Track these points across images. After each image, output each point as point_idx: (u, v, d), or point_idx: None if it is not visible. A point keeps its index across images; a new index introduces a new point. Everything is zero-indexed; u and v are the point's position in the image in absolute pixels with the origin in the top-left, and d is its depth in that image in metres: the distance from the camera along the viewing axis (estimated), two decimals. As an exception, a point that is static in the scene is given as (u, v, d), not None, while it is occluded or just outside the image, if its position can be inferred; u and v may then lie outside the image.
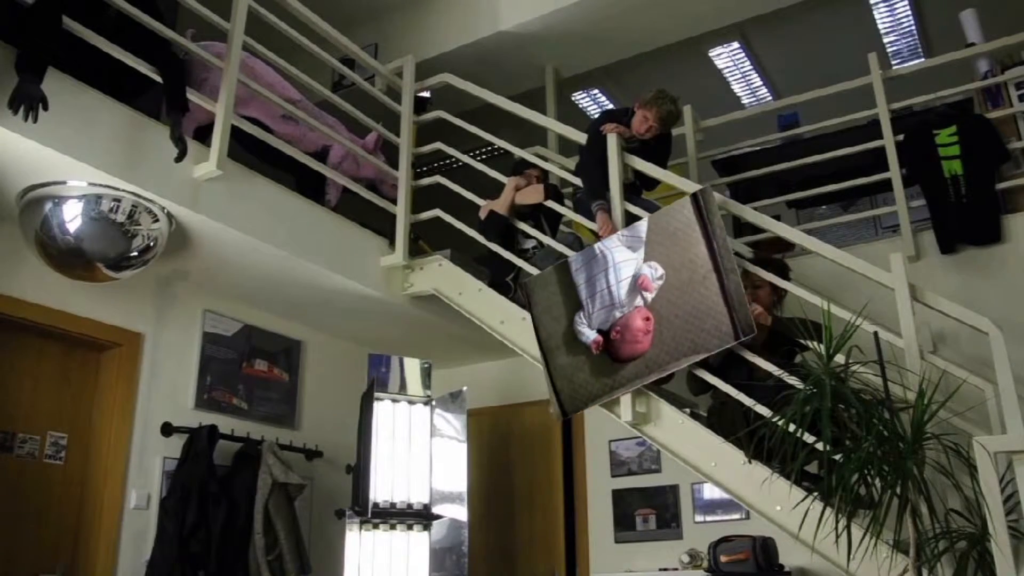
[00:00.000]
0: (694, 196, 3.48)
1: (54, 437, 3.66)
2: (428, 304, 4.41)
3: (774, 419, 2.83)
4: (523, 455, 5.20)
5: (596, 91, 6.69)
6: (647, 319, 3.44)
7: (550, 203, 4.18)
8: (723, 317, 3.29)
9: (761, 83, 6.74)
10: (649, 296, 3.46)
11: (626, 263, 3.55)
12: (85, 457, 3.75)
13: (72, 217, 3.18)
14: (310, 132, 4.18)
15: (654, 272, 3.46)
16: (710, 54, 6.33)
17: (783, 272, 3.56)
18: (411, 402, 4.43)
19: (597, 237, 3.78)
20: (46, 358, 3.70)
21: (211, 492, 3.82)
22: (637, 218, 3.82)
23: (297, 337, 4.79)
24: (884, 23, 6.05)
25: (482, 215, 4.27)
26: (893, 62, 6.26)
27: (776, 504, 2.98)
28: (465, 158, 4.53)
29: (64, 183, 3.14)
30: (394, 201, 4.40)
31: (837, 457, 2.63)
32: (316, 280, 4.11)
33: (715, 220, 3.40)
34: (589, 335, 3.53)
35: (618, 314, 3.51)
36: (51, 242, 3.21)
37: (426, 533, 4.25)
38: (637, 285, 3.47)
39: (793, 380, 2.96)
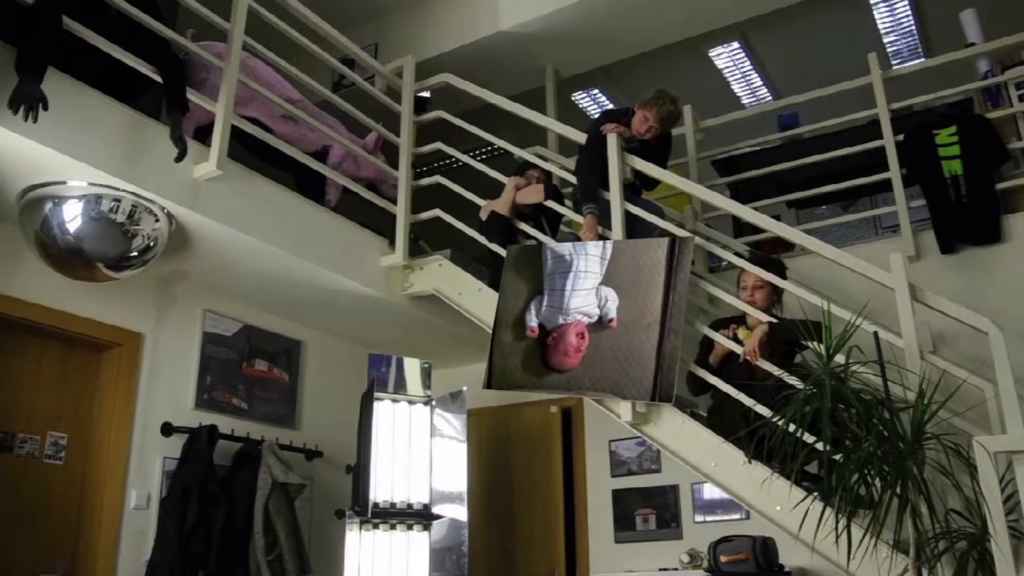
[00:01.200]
0: (672, 241, 3.49)
1: (54, 437, 3.66)
2: (428, 304, 4.41)
3: (774, 419, 2.83)
4: (523, 455, 5.20)
5: (596, 91, 6.69)
6: (581, 336, 3.49)
7: (550, 203, 4.18)
8: (649, 373, 3.32)
9: (761, 83, 6.74)
10: (596, 316, 3.49)
11: (586, 275, 3.58)
12: (85, 457, 3.75)
13: (72, 217, 3.18)
14: (310, 132, 4.18)
15: (613, 305, 3.48)
16: (710, 54, 6.33)
17: (781, 272, 3.56)
18: (411, 402, 4.43)
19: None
20: (46, 358, 3.70)
21: (211, 492, 3.82)
22: (637, 218, 3.83)
23: (297, 337, 4.79)
24: (884, 23, 6.05)
25: (483, 215, 4.27)
26: (893, 62, 6.26)
27: (776, 504, 2.98)
28: (465, 158, 4.53)
29: (64, 183, 3.14)
30: (394, 201, 4.40)
31: (837, 457, 2.63)
32: (316, 280, 4.11)
33: (681, 274, 3.41)
34: (531, 321, 3.61)
35: (561, 320, 3.56)
36: (51, 242, 3.21)
37: (426, 533, 4.25)
38: (604, 322, 3.48)
39: (793, 380, 2.96)
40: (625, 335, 3.41)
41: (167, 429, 3.94)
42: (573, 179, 4.18)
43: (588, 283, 3.58)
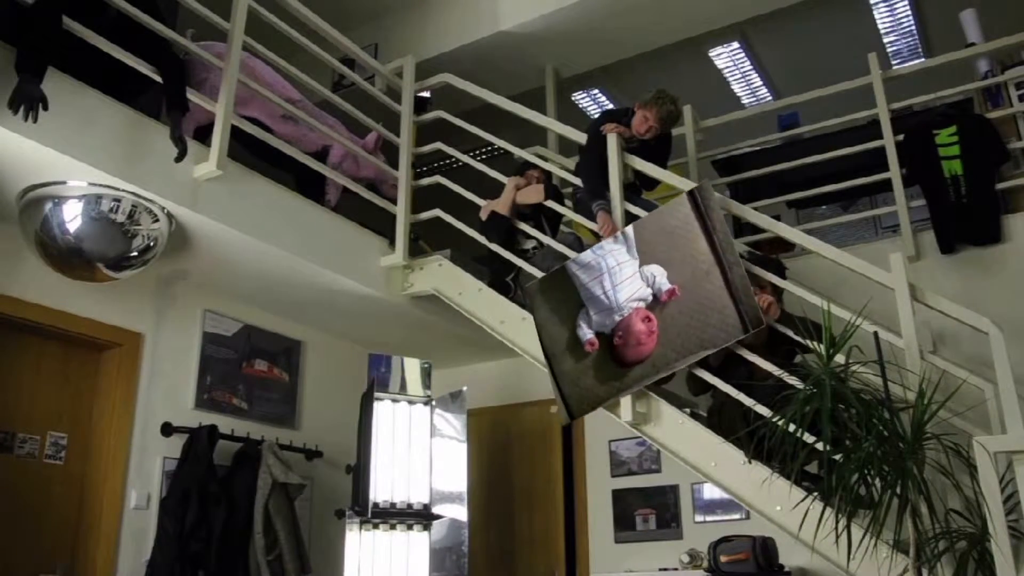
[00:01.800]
0: (691, 193, 3.48)
1: (54, 437, 3.66)
2: (428, 304, 4.41)
3: (774, 419, 2.83)
4: (523, 455, 5.20)
5: (596, 91, 6.69)
6: (647, 319, 3.43)
7: (550, 203, 4.18)
8: (730, 311, 3.29)
9: (761, 83, 6.74)
10: (650, 297, 3.45)
11: (622, 265, 3.55)
12: (85, 457, 3.75)
13: (72, 217, 3.18)
14: (310, 132, 4.18)
15: (663, 278, 3.44)
16: (710, 54, 6.33)
17: (780, 271, 3.56)
18: (411, 402, 4.43)
19: (597, 237, 3.78)
20: (46, 358, 3.70)
21: (211, 492, 3.82)
22: (637, 218, 3.83)
23: (297, 337, 4.79)
24: (884, 23, 6.05)
25: (483, 215, 4.27)
26: (893, 62, 6.26)
27: (776, 504, 2.98)
28: (465, 158, 4.53)
29: (64, 183, 3.14)
30: (394, 201, 4.40)
31: (837, 457, 2.63)
32: (316, 280, 4.11)
33: (714, 215, 3.39)
34: (586, 334, 3.50)
35: (617, 317, 3.49)
36: (51, 242, 3.21)
37: (426, 533, 4.25)
38: (662, 298, 3.42)
39: (793, 380, 2.96)
40: (689, 292, 3.37)
41: (167, 429, 3.94)
42: (573, 179, 4.18)
43: (628, 271, 3.51)
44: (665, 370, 3.39)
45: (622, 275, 3.53)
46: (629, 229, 3.58)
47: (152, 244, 3.38)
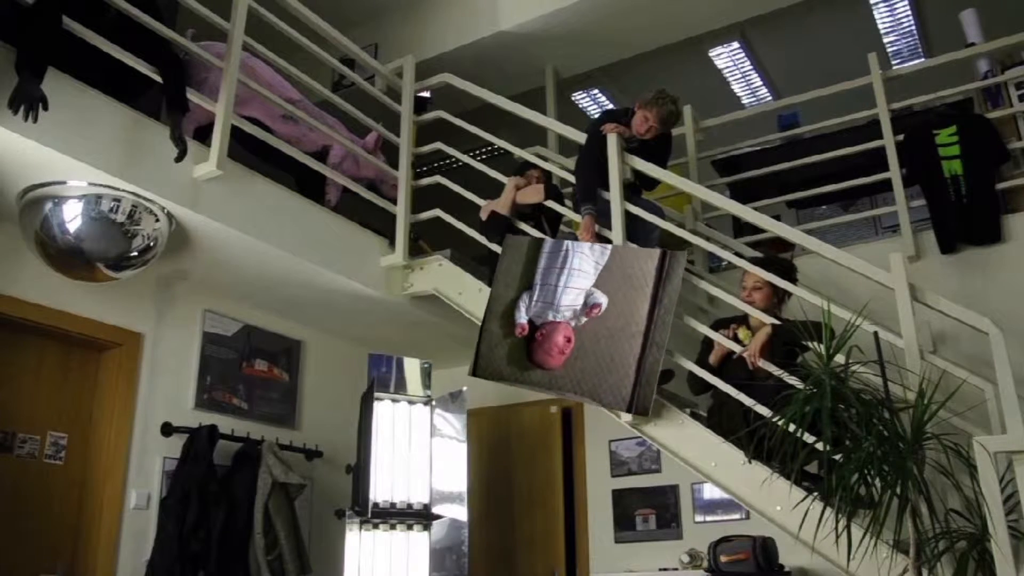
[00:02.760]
0: (664, 253, 3.49)
1: (54, 437, 3.66)
2: (428, 304, 4.41)
3: (774, 419, 2.83)
4: (523, 455, 5.20)
5: (596, 91, 6.68)
6: (568, 339, 3.50)
7: (550, 203, 4.18)
8: (628, 383, 3.33)
9: (761, 83, 6.74)
10: (583, 320, 3.50)
11: (580, 274, 3.58)
12: (85, 457, 3.75)
13: (72, 217, 3.18)
14: (310, 132, 4.18)
15: (602, 303, 3.49)
16: (710, 54, 6.33)
17: (788, 273, 3.53)
18: (411, 402, 4.43)
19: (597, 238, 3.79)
20: (46, 358, 3.70)
21: (211, 492, 3.82)
22: (637, 218, 3.83)
23: (297, 337, 4.79)
24: (884, 23, 6.05)
25: (483, 215, 4.27)
26: (893, 62, 6.26)
27: (776, 504, 2.98)
28: (465, 158, 4.53)
29: (64, 183, 3.14)
30: (394, 201, 4.40)
31: (837, 457, 2.63)
32: (316, 280, 4.11)
33: (669, 287, 3.41)
34: (521, 318, 3.62)
35: (551, 316, 3.56)
36: (51, 242, 3.21)
37: (426, 533, 4.25)
38: (587, 310, 3.49)
39: (793, 380, 2.96)
40: (609, 342, 3.42)
41: (167, 429, 3.94)
42: (573, 179, 4.18)
43: (580, 283, 3.58)
44: (555, 391, 3.52)
45: (575, 282, 3.57)
46: (607, 250, 3.60)
47: (152, 244, 3.38)
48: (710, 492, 4.44)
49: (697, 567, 4.13)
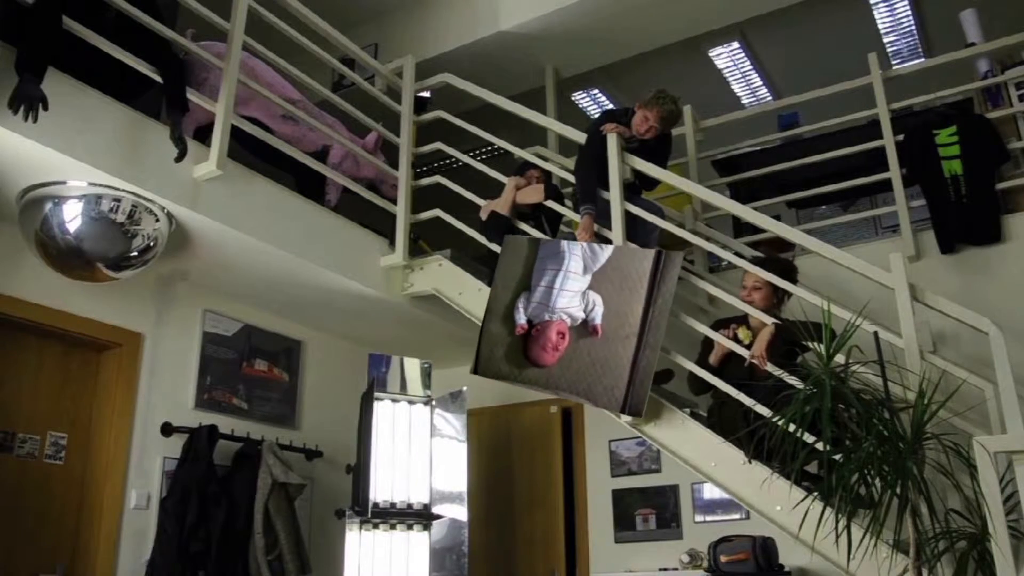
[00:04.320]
0: (659, 254, 3.49)
1: (54, 437, 3.66)
2: (428, 304, 4.41)
3: (774, 419, 2.83)
4: (523, 455, 5.20)
5: (596, 91, 6.69)
6: (561, 335, 3.51)
7: (550, 203, 4.18)
8: (621, 384, 3.34)
9: (761, 83, 6.74)
10: (580, 320, 3.51)
11: (575, 276, 3.59)
12: (85, 457, 3.75)
13: (72, 217, 3.18)
14: (310, 132, 4.18)
15: (598, 312, 3.50)
16: (710, 54, 6.33)
17: (788, 273, 3.53)
18: (411, 402, 4.43)
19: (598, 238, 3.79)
20: (46, 358, 3.70)
21: (211, 492, 3.82)
22: (637, 218, 3.83)
23: (297, 337, 4.79)
24: (884, 23, 6.05)
25: (483, 215, 4.27)
26: (893, 62, 6.26)
27: (776, 504, 2.98)
28: (465, 158, 4.53)
29: (64, 183, 3.14)
30: (394, 201, 4.40)
31: (837, 457, 2.63)
32: (316, 280, 4.11)
33: (664, 289, 3.41)
34: (520, 319, 3.63)
35: (546, 316, 3.57)
36: (51, 242, 3.21)
37: (426, 533, 4.25)
38: (588, 328, 3.49)
39: (793, 380, 2.96)
40: (603, 343, 3.43)
41: (167, 429, 3.94)
42: (573, 179, 4.17)
43: (577, 285, 3.59)
44: (550, 389, 3.52)
45: (571, 284, 3.58)
46: (604, 250, 3.60)
47: (152, 244, 3.38)
48: (710, 492, 4.44)
49: (697, 567, 4.13)
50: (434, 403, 4.50)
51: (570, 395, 3.51)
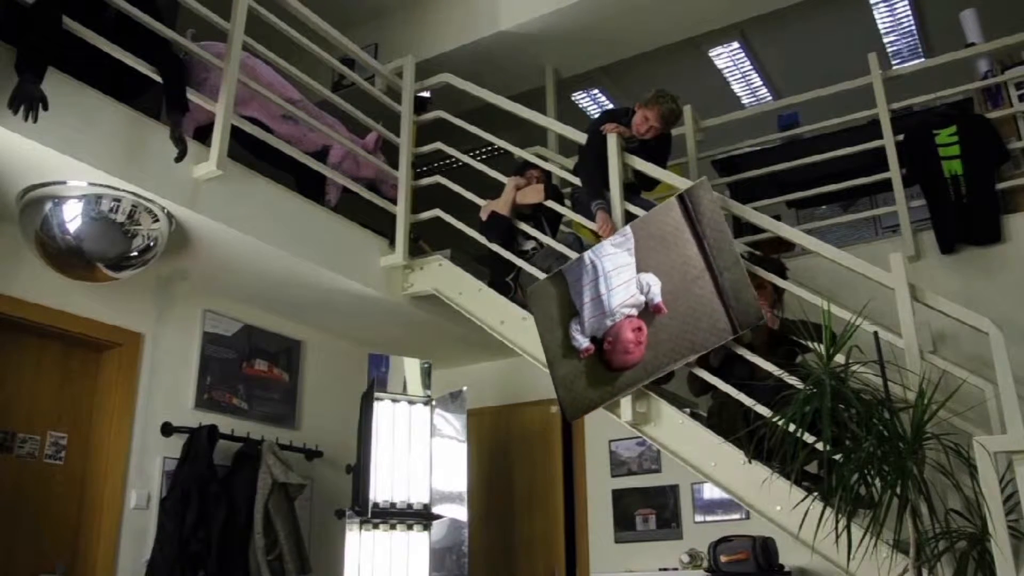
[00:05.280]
0: (680, 197, 3.47)
1: (54, 437, 3.66)
2: (428, 304, 4.41)
3: (774, 419, 2.83)
4: (523, 455, 5.20)
5: (596, 91, 6.69)
6: (638, 329, 3.45)
7: (550, 203, 4.18)
8: (719, 315, 3.29)
9: (761, 83, 6.74)
10: (643, 304, 3.45)
11: (619, 270, 3.55)
12: (85, 457, 3.75)
13: (72, 217, 3.18)
14: (310, 132, 4.18)
15: (657, 288, 3.44)
16: (710, 54, 6.33)
17: (780, 272, 3.56)
18: (411, 402, 4.43)
19: (597, 237, 3.78)
20: (46, 358, 3.70)
21: (211, 492, 3.82)
22: (636, 218, 3.83)
23: (297, 337, 4.79)
24: (884, 23, 6.05)
25: (483, 216, 4.27)
26: (893, 62, 6.26)
27: (776, 504, 2.98)
28: (465, 158, 4.53)
29: (64, 183, 3.14)
30: (394, 201, 4.40)
31: (837, 457, 2.62)
32: (316, 280, 4.11)
33: (705, 219, 3.38)
34: (581, 342, 3.53)
35: (609, 323, 3.51)
36: (51, 242, 3.21)
37: (426, 533, 4.25)
38: (652, 309, 3.44)
39: (793, 380, 2.96)
40: (679, 299, 3.38)
41: (167, 429, 3.94)
42: (573, 179, 4.18)
43: (624, 276, 3.53)
44: (656, 373, 3.41)
45: (618, 279, 3.54)
46: (628, 228, 3.58)
47: (152, 244, 3.38)
48: (710, 492, 4.44)
49: (697, 567, 4.13)
50: (434, 403, 4.50)
51: (678, 363, 3.38)
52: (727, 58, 6.42)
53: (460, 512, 4.43)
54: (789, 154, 4.86)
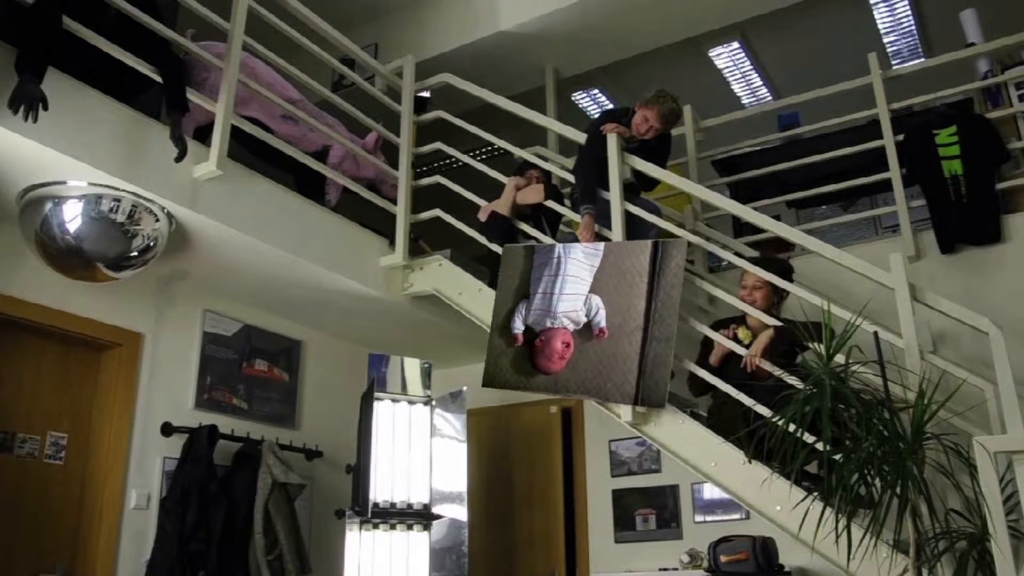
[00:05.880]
0: (656, 244, 3.48)
1: (54, 437, 3.66)
2: (428, 304, 4.41)
3: (774, 419, 2.83)
4: (523, 455, 5.20)
5: (596, 91, 6.68)
6: (567, 345, 3.52)
7: (550, 203, 4.18)
8: (631, 379, 3.34)
9: (761, 83, 6.74)
10: (582, 323, 3.51)
11: (574, 280, 3.59)
12: (85, 457, 3.75)
13: (72, 217, 3.18)
14: (310, 132, 4.18)
15: (601, 315, 3.49)
16: (710, 54, 6.33)
17: (786, 273, 3.54)
18: (411, 402, 4.43)
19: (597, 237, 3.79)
20: (46, 358, 3.70)
21: (211, 492, 3.82)
22: (636, 218, 3.83)
23: (297, 337, 4.79)
24: (884, 23, 6.05)
25: (482, 216, 4.27)
26: (893, 62, 6.26)
27: (776, 504, 2.98)
28: (465, 158, 4.53)
29: (64, 183, 3.14)
30: (394, 201, 4.40)
31: (837, 457, 2.63)
32: (316, 280, 4.11)
33: (664, 279, 3.40)
34: (516, 328, 3.64)
35: (548, 323, 3.58)
36: (51, 242, 3.21)
37: (426, 533, 4.24)
38: (593, 333, 3.49)
39: (793, 380, 2.96)
40: (609, 341, 3.43)
41: (167, 429, 3.94)
42: (573, 179, 4.18)
43: (577, 288, 3.58)
44: (561, 392, 3.54)
45: (571, 288, 3.58)
46: (603, 246, 3.60)
47: (152, 244, 3.38)
48: (710, 492, 4.44)
49: (697, 567, 4.13)
50: (434, 403, 4.50)
51: (580, 395, 3.52)
52: (727, 58, 6.42)
53: (460, 512, 4.43)
54: (789, 154, 4.86)
